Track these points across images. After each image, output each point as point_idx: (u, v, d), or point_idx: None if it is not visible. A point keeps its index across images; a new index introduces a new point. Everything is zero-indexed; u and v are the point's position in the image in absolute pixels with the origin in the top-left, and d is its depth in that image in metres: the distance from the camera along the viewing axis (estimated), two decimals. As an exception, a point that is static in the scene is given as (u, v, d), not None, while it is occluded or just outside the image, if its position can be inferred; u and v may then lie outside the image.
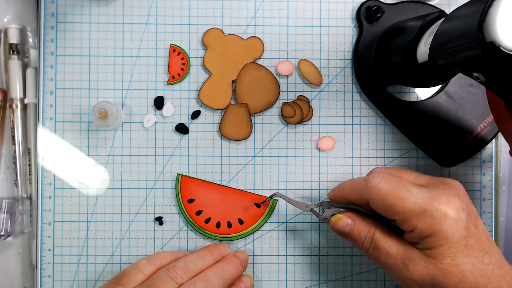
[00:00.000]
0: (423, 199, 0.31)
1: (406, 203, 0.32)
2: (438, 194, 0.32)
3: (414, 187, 0.33)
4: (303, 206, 0.38)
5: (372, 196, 0.33)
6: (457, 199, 0.32)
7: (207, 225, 0.41)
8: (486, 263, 0.31)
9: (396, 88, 0.43)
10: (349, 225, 0.35)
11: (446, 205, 0.31)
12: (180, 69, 0.42)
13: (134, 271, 0.36)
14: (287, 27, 0.42)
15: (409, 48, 0.36)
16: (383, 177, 0.33)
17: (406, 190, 0.32)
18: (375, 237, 0.34)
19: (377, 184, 0.33)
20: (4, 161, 0.42)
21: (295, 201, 0.39)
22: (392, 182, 0.33)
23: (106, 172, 0.41)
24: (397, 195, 0.32)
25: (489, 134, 0.41)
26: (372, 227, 0.34)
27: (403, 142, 0.42)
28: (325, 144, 0.42)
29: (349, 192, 0.36)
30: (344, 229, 0.35)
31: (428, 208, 0.31)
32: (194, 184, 0.41)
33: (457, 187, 0.33)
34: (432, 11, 0.41)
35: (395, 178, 0.33)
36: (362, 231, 0.35)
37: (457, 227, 0.31)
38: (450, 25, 0.30)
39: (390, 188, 0.32)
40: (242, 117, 0.42)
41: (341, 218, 0.35)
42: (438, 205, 0.31)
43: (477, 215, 0.33)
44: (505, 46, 0.25)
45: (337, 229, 0.36)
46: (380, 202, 0.33)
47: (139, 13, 0.42)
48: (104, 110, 0.39)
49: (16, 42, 0.41)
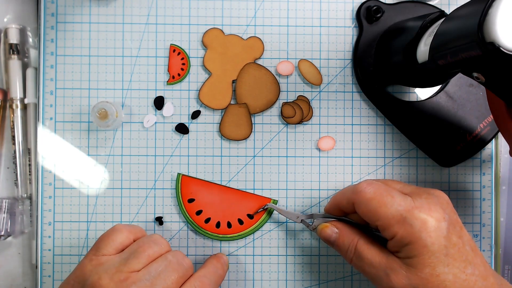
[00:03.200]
0: (404, 207, 0.32)
1: (388, 209, 0.32)
2: (420, 203, 0.32)
3: (398, 194, 0.33)
4: (294, 217, 0.40)
5: (358, 200, 0.34)
6: (439, 208, 0.32)
7: (207, 225, 0.41)
8: (468, 273, 0.31)
9: (396, 88, 0.43)
10: (334, 234, 0.36)
11: (427, 213, 0.31)
12: (180, 69, 0.42)
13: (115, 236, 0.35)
14: (287, 27, 0.42)
15: (409, 48, 0.36)
16: (370, 183, 0.34)
17: (390, 197, 0.32)
18: (358, 246, 0.34)
19: (363, 188, 0.33)
20: (4, 161, 0.42)
21: (287, 212, 0.40)
22: (378, 188, 0.33)
23: (106, 172, 0.41)
24: (381, 201, 0.32)
25: (489, 134, 0.41)
26: (356, 237, 0.35)
27: (403, 142, 0.42)
28: (325, 144, 0.42)
29: (339, 198, 0.36)
30: (329, 237, 0.36)
31: (409, 215, 0.31)
32: (194, 184, 0.41)
33: (441, 197, 0.33)
34: (432, 11, 0.41)
35: (381, 185, 0.34)
36: (346, 240, 0.35)
37: (437, 236, 0.31)
38: (450, 25, 0.30)
39: (375, 193, 0.33)
40: (242, 117, 0.42)
41: (328, 226, 0.37)
42: (418, 213, 0.31)
43: (462, 226, 0.33)
44: (505, 46, 0.25)
45: (323, 236, 0.37)
46: (364, 206, 0.33)
47: (139, 13, 0.42)
48: (104, 110, 0.39)
49: (16, 42, 0.41)
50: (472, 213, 0.43)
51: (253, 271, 0.42)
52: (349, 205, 0.35)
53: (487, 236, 0.43)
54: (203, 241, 0.42)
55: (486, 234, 0.43)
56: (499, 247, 0.43)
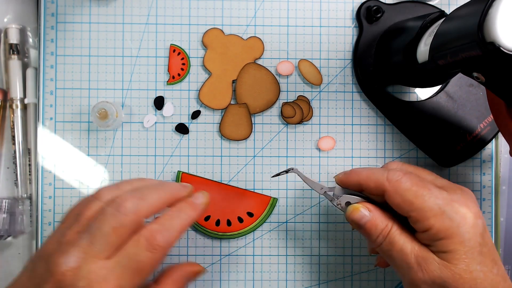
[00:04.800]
0: (443, 200, 0.31)
1: (426, 201, 0.31)
2: (458, 197, 0.32)
3: (434, 187, 0.32)
4: (318, 188, 0.37)
5: (392, 188, 0.32)
6: (475, 205, 0.32)
7: (206, 223, 0.41)
8: (495, 273, 0.31)
9: (396, 88, 0.43)
10: (366, 217, 0.34)
11: (466, 209, 0.31)
12: (180, 69, 0.42)
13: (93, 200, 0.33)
14: (287, 27, 0.42)
15: (409, 48, 0.36)
16: (406, 173, 0.33)
17: (427, 189, 0.32)
18: (392, 232, 0.33)
19: (399, 178, 0.32)
20: (4, 161, 0.42)
21: (311, 180, 0.37)
22: (413, 179, 0.32)
23: (106, 172, 0.41)
24: (417, 192, 0.32)
25: (489, 134, 0.41)
26: (390, 222, 0.33)
27: (403, 142, 0.42)
28: (325, 144, 0.42)
29: (365, 179, 0.34)
30: (360, 220, 0.34)
31: (448, 209, 0.31)
32: (194, 181, 0.41)
33: (472, 195, 0.33)
34: (432, 11, 0.41)
35: (415, 176, 0.33)
36: (380, 224, 0.33)
37: (475, 233, 0.31)
38: (450, 25, 0.30)
39: (411, 184, 0.32)
40: (242, 117, 0.42)
41: (359, 208, 0.34)
42: (458, 207, 0.31)
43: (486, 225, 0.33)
44: (505, 46, 0.25)
45: (352, 219, 0.34)
46: (399, 196, 0.32)
47: (139, 13, 0.42)
48: (104, 110, 0.39)
49: (16, 42, 0.41)
50: (472, 213, 0.43)
51: (253, 271, 0.42)
52: (377, 190, 0.33)
53: (487, 236, 0.43)
54: (203, 240, 0.42)
55: (486, 234, 0.43)
56: (499, 247, 0.43)
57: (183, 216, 0.33)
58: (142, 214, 0.31)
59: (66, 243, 0.30)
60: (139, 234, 0.31)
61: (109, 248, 0.30)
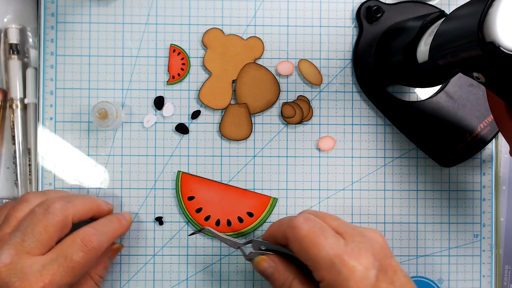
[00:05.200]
0: (335, 251, 0.31)
1: (320, 252, 0.31)
2: (351, 248, 0.31)
3: (332, 235, 0.32)
4: (232, 244, 0.38)
5: (292, 236, 0.33)
6: (370, 254, 0.31)
7: (207, 222, 0.41)
8: None
9: (396, 88, 0.43)
10: (271, 268, 0.35)
11: (356, 260, 0.30)
12: (180, 69, 0.42)
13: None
14: (287, 27, 0.42)
15: (409, 48, 0.36)
16: (307, 218, 0.33)
17: (324, 237, 0.31)
18: (293, 285, 0.33)
19: (299, 224, 0.32)
20: (4, 161, 0.42)
21: (224, 238, 0.38)
22: (313, 226, 0.32)
23: (106, 172, 0.41)
24: (313, 241, 0.31)
25: (489, 134, 0.41)
26: (291, 275, 0.34)
27: (403, 142, 0.42)
28: (325, 144, 0.42)
29: (275, 230, 0.35)
30: (265, 271, 0.35)
31: (337, 261, 0.30)
32: (194, 181, 0.41)
33: (375, 239, 0.33)
34: (432, 11, 0.41)
35: (318, 222, 0.33)
36: (282, 277, 0.34)
37: (364, 285, 0.30)
38: (450, 25, 0.30)
39: (309, 231, 0.32)
40: (242, 117, 0.42)
41: (265, 259, 0.35)
42: (347, 260, 0.30)
43: (396, 269, 0.32)
44: (505, 46, 0.25)
45: (259, 269, 0.35)
46: (297, 243, 0.32)
47: (139, 13, 0.42)
48: (104, 110, 0.39)
49: (16, 42, 0.41)
50: (472, 213, 0.43)
51: (253, 271, 0.42)
52: (284, 238, 0.34)
53: (487, 236, 0.43)
54: (203, 240, 0.42)
55: (486, 234, 0.43)
56: (499, 247, 0.43)
57: (113, 226, 0.37)
58: (69, 215, 0.34)
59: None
60: (75, 234, 0.34)
61: (41, 246, 0.32)
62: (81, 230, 0.34)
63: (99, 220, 0.37)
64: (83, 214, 0.36)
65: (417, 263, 0.42)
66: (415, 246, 0.42)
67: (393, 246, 0.42)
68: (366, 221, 0.42)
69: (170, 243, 0.41)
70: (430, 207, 0.42)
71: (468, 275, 0.43)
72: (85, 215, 0.36)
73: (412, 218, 0.42)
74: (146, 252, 0.41)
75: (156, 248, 0.41)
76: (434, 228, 0.42)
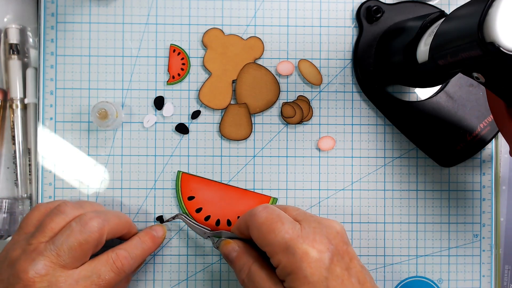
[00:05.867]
0: (290, 235, 0.31)
1: (276, 236, 0.32)
2: (306, 233, 0.32)
3: (289, 221, 0.33)
4: (202, 233, 0.39)
5: (251, 223, 0.33)
6: (324, 238, 0.32)
7: (206, 222, 0.41)
8: None
9: (396, 88, 0.43)
10: (234, 252, 0.35)
11: (310, 244, 0.31)
12: (180, 69, 0.42)
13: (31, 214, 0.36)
14: (287, 27, 0.42)
15: (409, 48, 0.36)
16: (265, 207, 0.34)
17: (280, 223, 0.32)
18: (252, 268, 0.34)
19: (258, 212, 0.33)
20: (4, 161, 0.42)
21: (195, 226, 0.39)
22: (271, 213, 0.33)
23: (106, 172, 0.41)
24: (270, 227, 0.32)
25: (489, 134, 0.41)
26: (252, 258, 0.34)
27: (403, 142, 0.42)
28: (325, 144, 0.42)
29: (239, 222, 0.36)
30: (229, 254, 0.36)
31: (292, 244, 0.31)
32: (194, 181, 0.41)
33: (332, 227, 0.33)
34: (432, 11, 0.41)
35: (275, 210, 0.33)
36: (242, 260, 0.35)
37: (317, 267, 0.30)
38: (450, 25, 0.30)
39: (267, 218, 0.33)
40: (242, 117, 0.42)
41: (229, 242, 0.36)
42: (301, 243, 0.31)
43: (352, 257, 0.32)
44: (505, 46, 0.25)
45: (223, 252, 0.36)
46: (256, 230, 0.33)
47: (139, 13, 0.42)
48: (104, 110, 0.39)
49: (16, 42, 0.41)
50: (472, 213, 0.43)
51: (253, 271, 0.42)
52: (246, 228, 0.35)
53: (487, 236, 0.43)
54: (203, 240, 0.42)
55: (486, 234, 0.43)
56: (499, 247, 0.43)
57: (145, 247, 0.37)
58: (105, 233, 0.34)
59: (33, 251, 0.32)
60: (109, 255, 0.35)
61: (74, 261, 0.33)
62: (115, 250, 0.35)
63: (133, 241, 0.37)
64: (116, 232, 0.36)
65: (417, 263, 0.42)
66: (415, 246, 0.42)
67: (393, 246, 0.42)
68: (366, 221, 0.42)
69: (170, 243, 0.41)
70: (430, 207, 0.42)
71: (468, 275, 0.43)
72: (118, 233, 0.37)
73: (412, 218, 0.42)
74: (146, 252, 0.41)
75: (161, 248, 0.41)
76: (434, 228, 0.42)
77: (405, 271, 0.42)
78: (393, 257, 0.42)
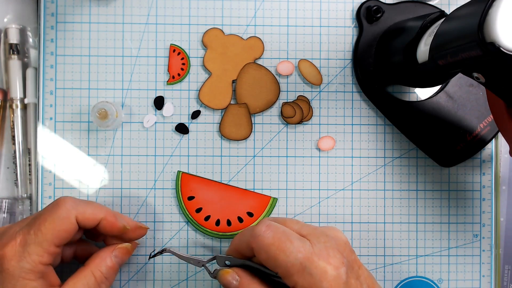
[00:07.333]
0: (304, 254, 0.31)
1: (288, 257, 0.31)
2: (318, 249, 0.31)
3: (297, 238, 0.32)
4: (196, 262, 0.37)
5: (257, 245, 0.32)
6: (337, 253, 0.31)
7: (206, 222, 0.41)
8: None
9: (396, 88, 0.43)
10: (235, 281, 0.34)
11: (326, 260, 0.31)
12: (180, 69, 0.42)
13: None
14: (287, 27, 0.42)
15: (409, 48, 0.36)
16: (268, 226, 0.32)
17: (289, 242, 0.31)
18: None
19: (262, 232, 0.32)
20: (4, 161, 0.42)
21: (187, 257, 0.37)
22: (276, 232, 0.32)
23: (106, 172, 0.41)
24: (280, 247, 0.31)
25: (489, 134, 0.41)
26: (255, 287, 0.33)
27: (403, 142, 0.42)
28: (325, 144, 0.42)
29: (238, 243, 0.35)
30: (229, 285, 0.34)
31: (308, 264, 0.30)
32: (194, 181, 0.41)
33: (338, 238, 0.33)
34: (432, 11, 0.41)
35: (280, 227, 0.32)
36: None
37: (337, 284, 0.30)
38: (450, 26, 0.30)
39: (274, 238, 0.31)
40: (242, 117, 0.42)
41: (229, 272, 0.34)
42: (317, 261, 0.30)
43: (360, 264, 0.33)
44: (505, 46, 0.25)
45: (223, 283, 0.35)
46: (264, 252, 0.32)
47: (139, 13, 0.42)
48: (104, 110, 0.39)
49: (16, 42, 0.41)
50: (472, 213, 0.43)
51: (253, 271, 0.42)
52: (249, 249, 0.33)
53: (487, 236, 0.43)
54: (203, 241, 0.42)
55: (486, 234, 0.43)
56: (499, 247, 0.43)
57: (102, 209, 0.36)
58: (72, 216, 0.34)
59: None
60: None
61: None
62: None
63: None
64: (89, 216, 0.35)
65: (417, 263, 0.42)
66: (415, 246, 0.42)
67: (393, 246, 0.42)
68: (366, 221, 0.42)
69: (170, 243, 0.41)
70: (430, 207, 0.42)
71: (468, 275, 0.43)
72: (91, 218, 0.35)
73: (412, 218, 0.42)
74: (146, 252, 0.41)
75: (156, 248, 0.41)
76: (434, 228, 0.42)
77: (405, 271, 0.42)
78: (393, 257, 0.42)
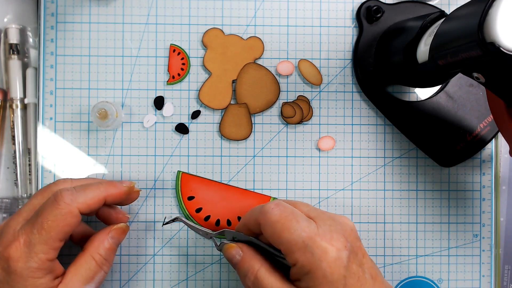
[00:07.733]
0: (308, 233, 0.31)
1: (292, 234, 0.31)
2: (323, 230, 0.31)
3: (304, 219, 0.32)
4: (204, 234, 0.38)
5: (263, 221, 0.33)
6: (341, 236, 0.32)
7: (206, 222, 0.41)
8: None
9: (396, 88, 0.43)
10: (238, 256, 0.35)
11: (328, 242, 0.31)
12: (180, 69, 0.42)
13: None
14: (287, 27, 0.42)
15: (409, 48, 0.36)
16: (277, 204, 0.33)
17: (295, 221, 0.32)
18: (259, 274, 0.33)
19: (270, 210, 0.32)
20: (4, 161, 0.42)
21: (197, 227, 0.39)
22: (284, 211, 0.32)
23: (106, 172, 0.41)
24: (285, 224, 0.32)
25: (489, 134, 0.41)
26: (258, 263, 0.34)
27: (403, 142, 0.42)
28: (325, 144, 0.42)
29: (248, 218, 0.35)
30: (232, 258, 0.35)
31: (310, 243, 0.31)
32: (194, 181, 0.41)
33: (345, 223, 0.33)
34: (432, 11, 0.41)
35: (288, 207, 0.33)
36: (247, 265, 0.34)
37: (337, 266, 0.30)
38: (450, 26, 0.30)
39: (280, 215, 0.32)
40: (242, 117, 0.42)
41: (233, 247, 0.35)
42: (320, 241, 0.31)
43: (364, 253, 0.33)
44: (505, 46, 0.25)
45: (227, 256, 0.36)
46: (269, 228, 0.32)
47: (139, 13, 0.42)
48: (104, 110, 0.39)
49: (16, 42, 0.41)
50: (472, 213, 0.43)
51: (253, 271, 0.42)
52: (257, 225, 0.34)
53: (487, 236, 0.43)
54: (203, 240, 0.42)
55: (486, 234, 0.43)
56: (499, 247, 0.43)
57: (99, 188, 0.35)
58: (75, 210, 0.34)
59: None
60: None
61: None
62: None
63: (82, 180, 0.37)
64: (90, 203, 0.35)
65: (417, 263, 0.42)
66: (415, 246, 0.42)
67: (393, 246, 0.42)
68: (366, 221, 0.42)
69: (170, 243, 0.41)
70: (430, 207, 0.42)
71: (468, 275, 0.43)
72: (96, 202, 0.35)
73: (412, 218, 0.42)
74: (146, 252, 0.41)
75: (156, 248, 0.41)
76: (434, 228, 0.42)
77: (405, 271, 0.42)
78: (393, 257, 0.42)
